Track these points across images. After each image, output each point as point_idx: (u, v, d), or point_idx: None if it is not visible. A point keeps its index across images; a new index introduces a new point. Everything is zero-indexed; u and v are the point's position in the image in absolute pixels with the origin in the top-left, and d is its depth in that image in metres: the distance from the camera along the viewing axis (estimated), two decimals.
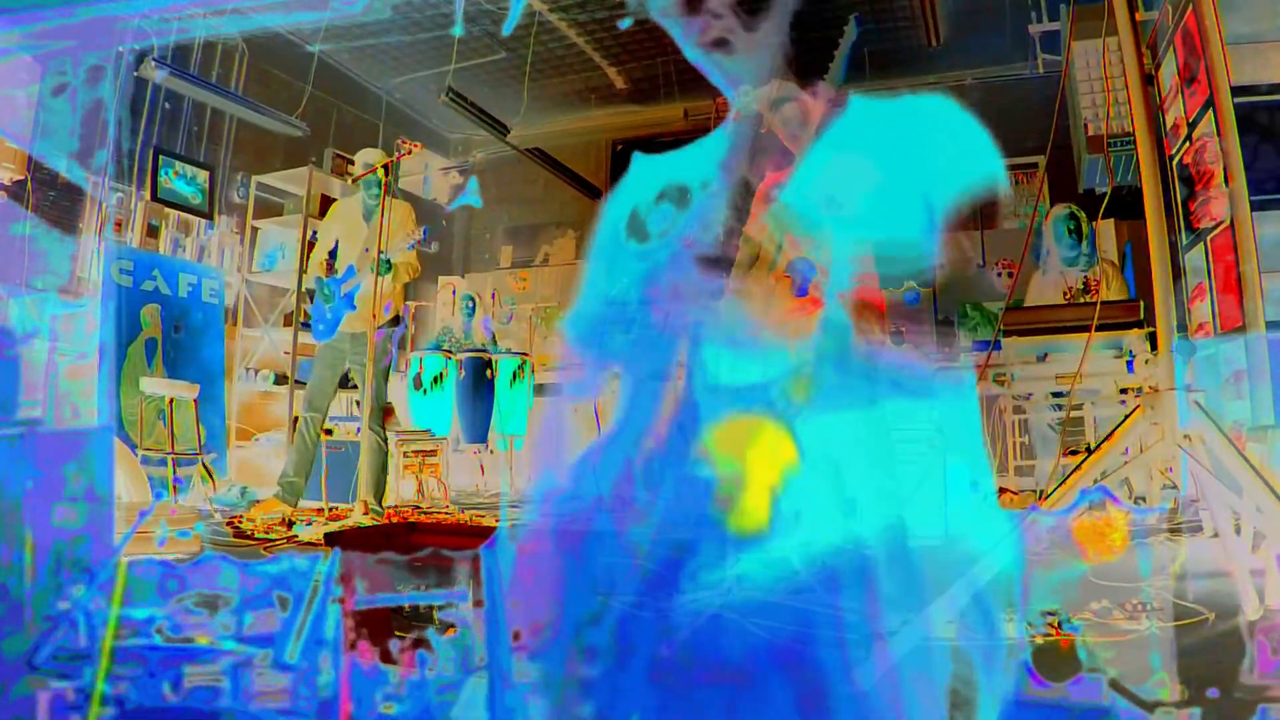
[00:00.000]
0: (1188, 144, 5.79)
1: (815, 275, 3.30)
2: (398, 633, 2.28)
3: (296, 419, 5.75)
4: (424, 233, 5.62)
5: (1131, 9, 2.62)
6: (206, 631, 2.61)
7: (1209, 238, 5.56)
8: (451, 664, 2.18)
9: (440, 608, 2.25)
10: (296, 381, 7.74)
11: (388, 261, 5.28)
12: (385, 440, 5.57)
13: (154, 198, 7.22)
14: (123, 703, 2.02)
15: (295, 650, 2.37)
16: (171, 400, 6.00)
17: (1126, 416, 2.32)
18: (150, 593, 3.07)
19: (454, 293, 10.55)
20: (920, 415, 2.26)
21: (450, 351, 8.17)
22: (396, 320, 5.67)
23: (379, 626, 2.29)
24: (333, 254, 5.71)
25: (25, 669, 2.21)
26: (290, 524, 5.12)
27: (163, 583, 3.17)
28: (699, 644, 1.94)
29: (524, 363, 8.57)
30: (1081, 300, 6.19)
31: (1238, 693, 1.85)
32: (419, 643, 2.25)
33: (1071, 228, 6.36)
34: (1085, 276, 6.32)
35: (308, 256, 7.91)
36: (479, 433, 8.11)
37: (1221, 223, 5.24)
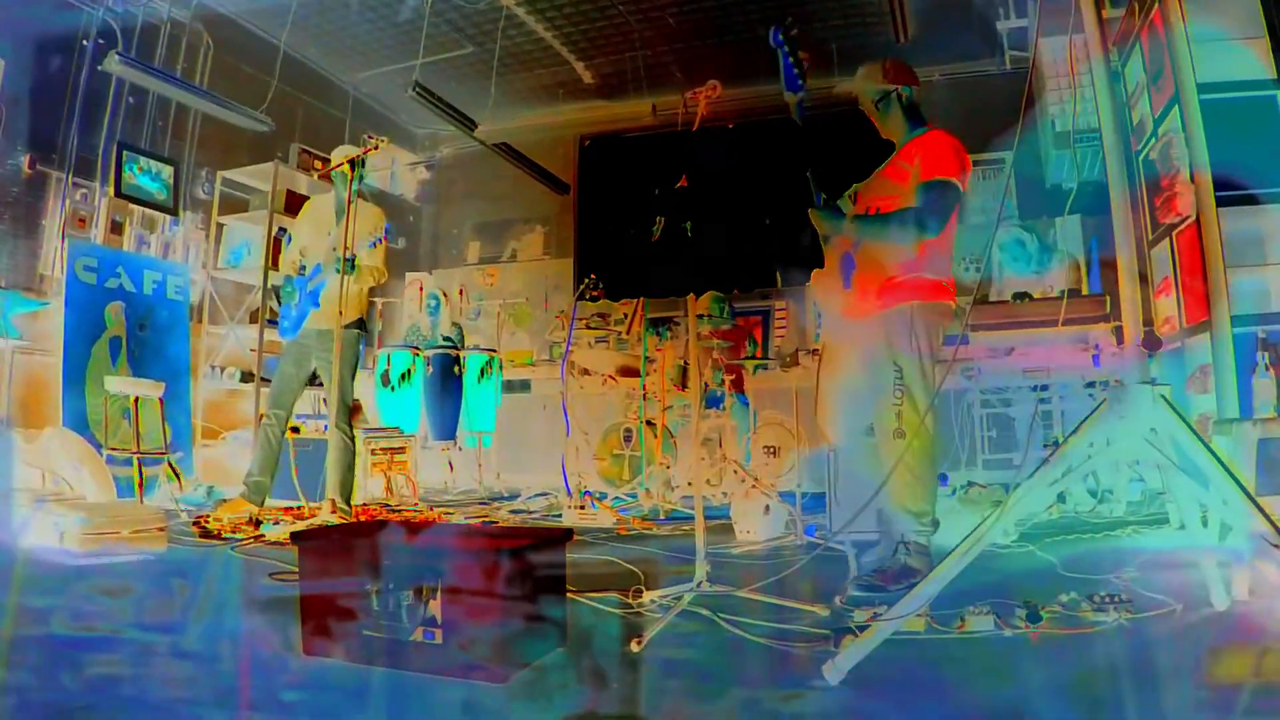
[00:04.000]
0: (1154, 140, 5.84)
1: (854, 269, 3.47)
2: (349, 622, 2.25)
3: (262, 416, 5.67)
4: (386, 230, 5.56)
5: (1098, 6, 2.62)
6: (107, 620, 2.58)
7: (1174, 233, 5.62)
8: (374, 653, 2.16)
9: (374, 595, 2.22)
10: (263, 379, 7.66)
11: (351, 260, 5.17)
12: (352, 439, 5.51)
13: (118, 193, 7.09)
14: (23, 691, 1.98)
15: (196, 639, 2.35)
16: (136, 399, 5.91)
17: (1093, 410, 2.34)
18: (49, 582, 3.03)
19: (420, 289, 10.47)
20: None
21: (418, 348, 8.11)
22: (361, 324, 5.61)
23: (314, 616, 2.26)
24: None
25: None
26: (257, 523, 5.06)
27: (62, 573, 3.14)
28: None
29: (492, 359, 8.53)
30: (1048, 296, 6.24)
31: None
32: (342, 632, 2.23)
33: (1016, 254, 6.42)
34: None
35: (275, 253, 7.81)
36: (447, 430, 8.07)
37: (1187, 218, 5.30)
